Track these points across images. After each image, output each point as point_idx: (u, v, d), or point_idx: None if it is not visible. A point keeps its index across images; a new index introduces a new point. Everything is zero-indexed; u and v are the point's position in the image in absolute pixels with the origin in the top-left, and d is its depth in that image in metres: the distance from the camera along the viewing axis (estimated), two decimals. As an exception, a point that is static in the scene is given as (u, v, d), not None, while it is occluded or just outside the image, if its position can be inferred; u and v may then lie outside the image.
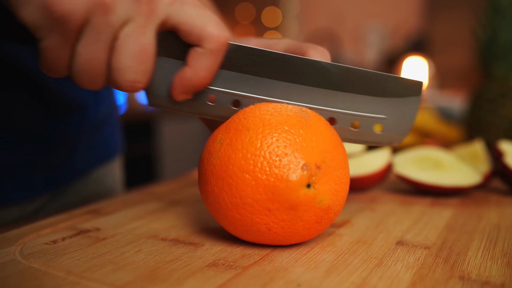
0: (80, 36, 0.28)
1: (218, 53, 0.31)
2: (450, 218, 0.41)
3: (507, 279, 0.28)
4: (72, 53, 0.29)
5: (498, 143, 0.52)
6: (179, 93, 0.32)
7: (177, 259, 0.31)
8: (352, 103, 0.35)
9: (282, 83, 0.34)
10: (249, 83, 0.34)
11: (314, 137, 0.31)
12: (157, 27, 0.29)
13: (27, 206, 0.51)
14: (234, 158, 0.31)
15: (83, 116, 0.55)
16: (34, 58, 0.44)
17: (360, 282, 0.28)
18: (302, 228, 0.32)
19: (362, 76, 0.34)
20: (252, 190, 0.31)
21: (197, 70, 0.31)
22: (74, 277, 0.28)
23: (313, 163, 0.31)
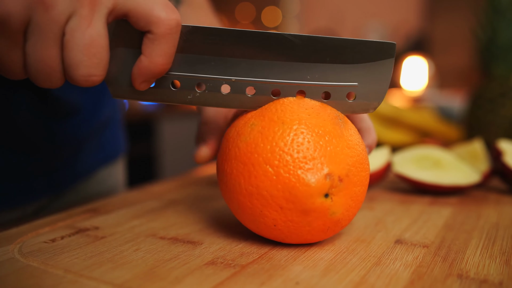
0: (27, 36, 0.27)
1: (169, 37, 0.30)
2: (449, 217, 0.41)
3: (505, 277, 0.28)
4: (23, 54, 0.28)
5: (497, 142, 0.52)
6: (140, 83, 0.32)
7: (175, 258, 0.31)
8: (321, 74, 0.34)
9: (245, 61, 0.33)
10: (211, 64, 0.33)
11: (345, 150, 0.31)
12: (105, 17, 0.29)
13: (28, 207, 0.51)
14: (262, 148, 0.31)
15: (86, 118, 0.55)
16: None
17: (359, 280, 0.28)
18: (307, 232, 0.32)
19: (327, 44, 0.33)
20: (271, 184, 0.30)
21: (152, 58, 0.30)
22: (73, 275, 0.28)
23: (337, 175, 0.30)
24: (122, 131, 0.68)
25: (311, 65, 0.33)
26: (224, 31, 0.32)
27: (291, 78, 0.34)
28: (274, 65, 0.33)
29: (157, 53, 0.30)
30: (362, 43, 0.33)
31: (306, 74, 0.34)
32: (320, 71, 0.34)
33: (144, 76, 0.31)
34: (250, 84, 0.34)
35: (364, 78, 0.34)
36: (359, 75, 0.34)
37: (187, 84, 0.34)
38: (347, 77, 0.34)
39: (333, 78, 0.34)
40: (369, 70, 0.34)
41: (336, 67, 0.34)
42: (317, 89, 0.34)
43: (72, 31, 0.28)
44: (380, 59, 0.33)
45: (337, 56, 0.33)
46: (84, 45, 0.28)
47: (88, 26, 0.28)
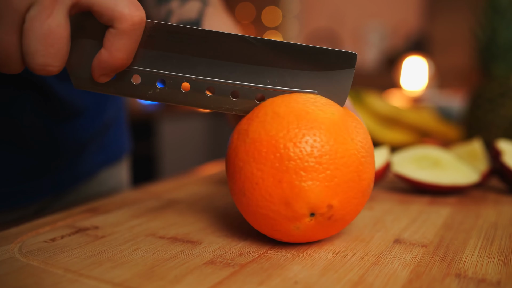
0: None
1: (131, 33, 0.30)
2: (447, 216, 0.41)
3: (503, 277, 0.28)
4: None
5: (496, 142, 0.52)
6: (99, 76, 0.32)
7: (175, 257, 0.31)
8: (280, 79, 0.34)
9: (206, 60, 0.33)
10: (172, 61, 0.33)
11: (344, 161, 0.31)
12: (68, 8, 0.29)
13: (30, 207, 0.51)
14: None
15: (89, 120, 0.55)
16: None
17: (357, 279, 0.28)
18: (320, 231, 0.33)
19: (289, 50, 0.33)
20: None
21: (112, 52, 0.30)
22: (73, 274, 0.28)
23: (326, 206, 0.31)
24: (127, 131, 0.68)
25: (271, 69, 0.34)
26: (187, 29, 0.32)
27: (251, 81, 0.34)
28: (234, 67, 0.34)
29: (117, 47, 0.30)
30: (323, 51, 0.33)
31: (266, 78, 0.34)
32: (280, 76, 0.34)
33: (103, 69, 0.31)
34: (210, 84, 0.34)
35: (324, 86, 0.34)
36: (319, 83, 0.34)
37: (148, 80, 0.34)
38: (307, 84, 0.34)
39: (292, 84, 0.34)
40: (329, 78, 0.34)
41: (296, 73, 0.34)
42: (276, 94, 0.34)
43: (31, 20, 0.28)
44: (341, 68, 0.34)
45: (298, 62, 0.33)
46: (42, 34, 0.28)
47: (49, 17, 0.28)
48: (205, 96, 0.34)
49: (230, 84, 0.34)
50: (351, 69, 0.34)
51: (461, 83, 2.18)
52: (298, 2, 3.46)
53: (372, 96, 0.85)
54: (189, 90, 0.34)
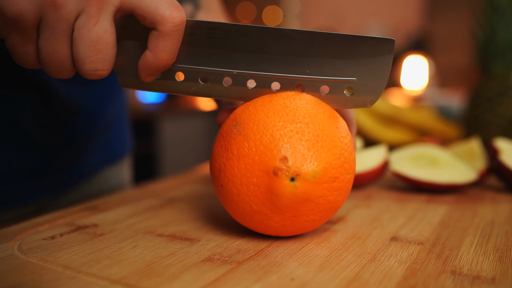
0: (39, 32, 0.29)
1: (174, 34, 0.31)
2: (444, 214, 0.42)
3: (498, 274, 0.28)
4: (36, 48, 0.30)
5: (494, 141, 0.52)
6: (145, 76, 0.33)
7: (173, 254, 0.32)
8: (319, 68, 0.34)
9: (246, 54, 0.34)
10: (214, 57, 0.34)
11: (255, 143, 0.32)
12: (112, 14, 0.30)
13: (30, 205, 0.51)
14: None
15: (89, 119, 0.55)
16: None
17: (353, 276, 0.28)
18: (328, 203, 0.33)
19: (326, 39, 0.34)
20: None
21: (157, 53, 0.32)
22: (71, 271, 0.29)
23: (279, 162, 0.31)
24: (129, 131, 0.68)
25: (310, 59, 0.34)
26: (227, 25, 0.33)
27: (291, 72, 0.35)
28: (274, 59, 0.34)
29: (161, 49, 0.31)
30: (361, 38, 0.33)
31: (305, 68, 0.34)
32: (319, 65, 0.34)
33: (149, 70, 0.33)
34: (250, 77, 0.35)
35: (363, 74, 0.34)
36: (357, 71, 0.34)
37: (191, 76, 0.35)
38: (346, 72, 0.34)
39: (331, 72, 0.34)
40: (368, 66, 0.34)
41: (334, 62, 0.34)
42: (316, 83, 0.35)
43: (80, 28, 0.29)
44: (379, 55, 0.34)
45: (336, 51, 0.34)
46: (91, 41, 0.30)
47: (95, 24, 0.29)
48: (246, 88, 0.35)
49: (270, 76, 0.35)
50: (390, 55, 0.34)
51: (461, 82, 2.18)
52: (299, 2, 3.46)
53: (371, 95, 0.85)
54: (230, 84, 0.35)
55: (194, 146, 2.86)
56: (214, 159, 0.34)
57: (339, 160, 0.32)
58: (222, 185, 0.33)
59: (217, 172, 0.34)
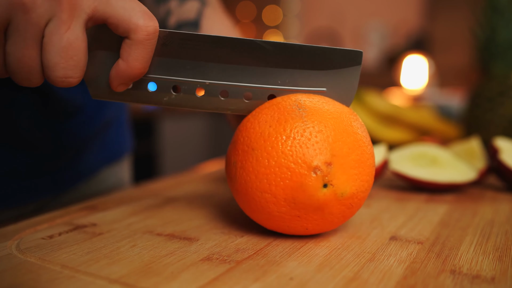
0: (7, 36, 0.28)
1: (147, 43, 0.31)
2: (444, 214, 0.41)
3: (498, 273, 0.28)
4: (3, 53, 0.29)
5: (494, 140, 0.52)
6: (117, 85, 0.33)
7: (171, 254, 0.31)
8: (291, 79, 0.35)
9: (219, 65, 0.34)
10: (186, 67, 0.34)
11: (317, 134, 0.31)
12: (84, 22, 0.30)
13: (29, 205, 0.51)
14: (249, 181, 0.32)
15: (89, 119, 0.55)
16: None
17: (352, 276, 0.28)
18: (336, 218, 0.33)
19: (297, 50, 0.34)
20: (276, 206, 0.32)
21: (130, 62, 0.31)
22: (69, 270, 0.29)
23: (323, 163, 0.31)
24: (128, 130, 0.68)
25: (282, 70, 0.35)
26: (199, 36, 0.33)
27: (263, 82, 0.35)
28: (246, 70, 0.35)
29: (134, 57, 0.31)
30: (330, 51, 0.35)
31: (277, 79, 0.35)
32: (290, 76, 0.35)
33: (121, 79, 0.32)
34: (223, 88, 0.35)
35: (332, 84, 0.36)
36: (327, 81, 0.35)
37: (163, 87, 0.35)
38: (316, 83, 0.36)
39: (302, 83, 0.36)
40: (337, 77, 0.35)
41: (305, 73, 0.35)
42: (288, 93, 0.36)
43: (51, 34, 0.29)
44: (348, 66, 0.35)
45: (306, 62, 0.35)
46: (62, 48, 0.29)
47: (67, 30, 0.29)
48: (219, 99, 0.36)
49: (243, 87, 0.35)
50: (358, 67, 0.35)
51: (461, 82, 2.18)
52: (299, 1, 3.46)
53: (371, 95, 0.85)
54: (203, 95, 0.35)
55: (194, 146, 2.86)
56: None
57: (367, 187, 0.33)
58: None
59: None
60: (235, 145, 0.34)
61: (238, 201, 0.35)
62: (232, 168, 0.34)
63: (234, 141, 0.34)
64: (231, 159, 0.34)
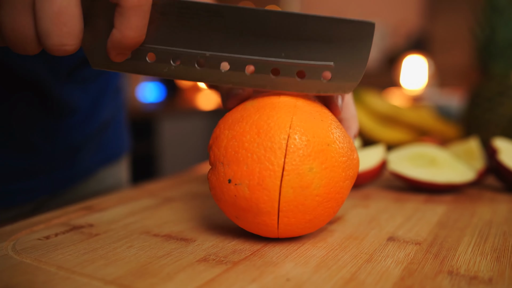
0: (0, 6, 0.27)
1: (138, 9, 0.29)
2: (443, 214, 0.41)
3: (495, 274, 0.28)
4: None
5: (493, 140, 0.52)
6: (114, 55, 0.32)
7: (168, 254, 0.31)
8: (296, 52, 0.33)
9: (220, 35, 0.33)
10: (186, 37, 0.33)
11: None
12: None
13: (27, 205, 0.51)
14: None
15: (85, 119, 0.55)
16: (39, 65, 0.45)
17: (349, 277, 0.28)
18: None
19: (303, 21, 0.32)
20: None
21: (123, 31, 0.30)
22: (65, 272, 0.28)
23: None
24: (126, 131, 0.68)
25: (286, 42, 0.33)
26: (199, 4, 0.32)
27: (266, 55, 0.33)
28: (248, 41, 0.33)
29: (126, 26, 0.30)
30: (340, 21, 0.32)
31: (281, 51, 0.33)
32: (295, 49, 0.33)
33: (117, 48, 0.31)
34: (224, 59, 0.33)
35: (341, 58, 0.33)
36: (335, 55, 0.33)
37: (163, 58, 0.33)
38: (323, 56, 0.33)
39: (308, 56, 0.33)
40: (346, 50, 0.33)
41: (311, 45, 0.33)
42: (292, 67, 0.33)
43: (41, 0, 0.27)
44: (358, 39, 0.32)
45: (313, 34, 0.32)
46: (53, 13, 0.28)
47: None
48: (220, 72, 0.34)
49: (245, 59, 0.33)
50: (369, 39, 0.32)
51: (461, 82, 2.18)
52: (299, 1, 3.46)
53: (371, 95, 0.85)
54: (203, 66, 0.34)
55: (194, 146, 2.86)
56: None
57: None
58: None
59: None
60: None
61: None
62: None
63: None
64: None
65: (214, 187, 0.33)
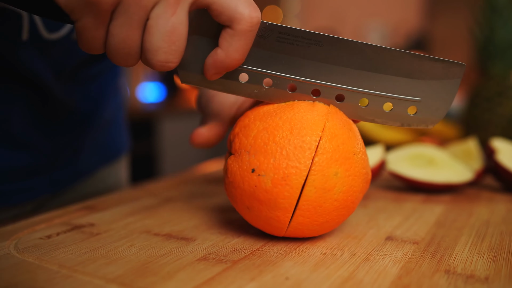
0: (113, 16, 0.28)
1: (249, 34, 0.31)
2: (441, 214, 0.42)
3: (492, 273, 0.29)
4: (106, 33, 0.29)
5: (491, 141, 0.52)
6: (212, 74, 0.32)
7: (168, 254, 0.32)
8: (386, 85, 0.34)
9: (314, 63, 0.34)
10: (281, 62, 0.34)
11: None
12: (188, 6, 0.29)
13: (27, 205, 0.51)
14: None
15: (86, 119, 0.55)
16: (40, 65, 0.45)
17: (347, 275, 0.28)
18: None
19: (397, 57, 0.33)
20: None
21: (229, 52, 0.31)
22: (67, 270, 0.29)
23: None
24: (126, 131, 0.68)
25: (378, 75, 0.34)
26: (299, 31, 0.33)
27: (357, 85, 0.34)
28: (341, 71, 0.34)
29: (234, 48, 0.31)
30: (432, 60, 0.33)
31: (372, 83, 0.34)
32: (386, 81, 0.34)
33: (218, 68, 0.32)
34: (316, 86, 0.34)
35: (428, 94, 0.34)
36: (423, 90, 0.34)
37: (255, 79, 0.34)
38: (412, 91, 0.34)
39: (397, 90, 0.34)
40: (435, 87, 0.34)
41: (402, 80, 0.34)
42: (381, 99, 0.35)
43: (157, 17, 0.28)
44: (447, 78, 0.34)
45: (404, 69, 0.34)
46: (166, 32, 0.29)
47: (173, 15, 0.29)
48: (310, 97, 0.35)
49: (336, 88, 0.34)
50: (458, 79, 0.34)
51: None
52: (299, 1, 3.46)
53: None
54: (295, 91, 0.35)
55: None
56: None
57: None
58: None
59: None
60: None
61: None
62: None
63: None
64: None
65: (234, 174, 0.33)
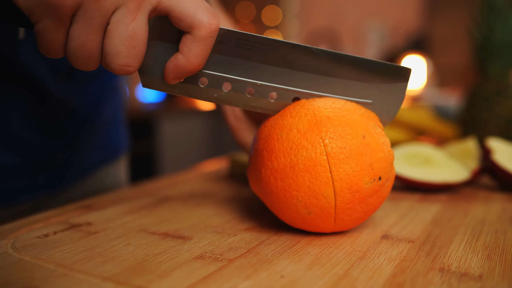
0: (73, 20, 0.29)
1: (208, 40, 0.32)
2: (437, 213, 0.42)
3: (486, 271, 0.29)
4: (66, 36, 0.29)
5: (487, 141, 0.52)
6: (172, 78, 0.33)
7: (165, 252, 0.32)
8: (340, 88, 0.36)
9: (272, 67, 0.35)
10: (240, 67, 0.35)
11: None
12: (148, 12, 0.30)
13: (26, 204, 0.51)
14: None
15: (85, 119, 0.55)
16: (39, 65, 0.45)
17: (342, 273, 0.29)
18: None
19: (349, 61, 0.35)
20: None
21: (190, 58, 0.32)
22: (64, 269, 0.29)
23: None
24: (125, 130, 0.68)
25: (331, 79, 0.36)
26: (256, 37, 0.34)
27: (313, 89, 0.36)
28: (297, 75, 0.36)
29: (194, 53, 0.32)
30: (381, 64, 0.35)
31: (327, 86, 0.36)
32: (340, 85, 0.36)
33: (177, 72, 0.33)
34: (273, 90, 0.36)
35: (379, 97, 0.37)
36: (374, 93, 0.36)
37: (215, 83, 0.35)
38: (363, 94, 0.36)
39: (351, 93, 0.36)
40: (384, 90, 0.36)
41: (354, 84, 0.36)
42: None
43: (117, 22, 0.29)
44: (396, 82, 0.36)
45: (356, 73, 0.36)
46: (126, 36, 0.29)
47: (133, 20, 0.29)
48: (268, 100, 0.36)
49: (293, 91, 0.36)
50: (405, 83, 0.36)
51: (459, 82, 2.18)
52: (298, 1, 3.46)
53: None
54: (253, 94, 0.36)
55: (193, 145, 2.86)
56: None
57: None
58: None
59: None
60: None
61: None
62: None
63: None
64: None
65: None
